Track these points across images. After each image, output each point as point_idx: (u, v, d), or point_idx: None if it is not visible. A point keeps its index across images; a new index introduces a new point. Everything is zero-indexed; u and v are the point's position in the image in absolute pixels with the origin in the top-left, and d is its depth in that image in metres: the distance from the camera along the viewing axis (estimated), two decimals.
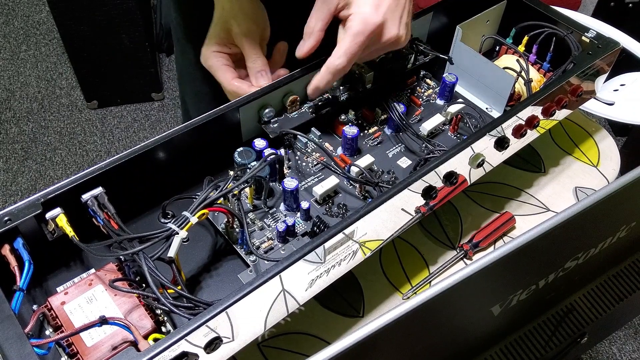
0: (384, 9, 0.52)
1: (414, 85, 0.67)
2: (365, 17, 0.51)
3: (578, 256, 0.64)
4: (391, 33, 0.53)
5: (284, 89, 0.58)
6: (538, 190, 0.70)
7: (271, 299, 0.44)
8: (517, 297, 0.60)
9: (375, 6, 0.52)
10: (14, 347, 0.38)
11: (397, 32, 0.54)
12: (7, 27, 2.14)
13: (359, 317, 0.58)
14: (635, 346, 1.39)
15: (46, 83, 1.95)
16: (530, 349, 0.68)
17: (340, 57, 0.52)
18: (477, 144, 0.54)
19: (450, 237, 0.65)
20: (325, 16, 0.53)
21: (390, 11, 0.52)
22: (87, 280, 0.46)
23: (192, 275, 0.51)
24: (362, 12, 0.51)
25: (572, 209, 0.53)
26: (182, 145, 0.53)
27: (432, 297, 0.47)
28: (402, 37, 0.55)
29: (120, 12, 1.65)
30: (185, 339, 0.39)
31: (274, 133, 0.57)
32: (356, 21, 0.52)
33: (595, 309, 0.73)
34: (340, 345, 0.44)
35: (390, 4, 0.52)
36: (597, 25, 0.79)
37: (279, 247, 0.51)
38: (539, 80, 0.65)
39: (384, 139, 0.61)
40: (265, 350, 0.55)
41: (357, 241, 0.48)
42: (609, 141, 0.76)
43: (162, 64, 2.01)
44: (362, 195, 0.55)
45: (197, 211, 0.46)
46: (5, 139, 1.78)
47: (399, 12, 0.53)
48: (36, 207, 0.45)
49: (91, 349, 0.42)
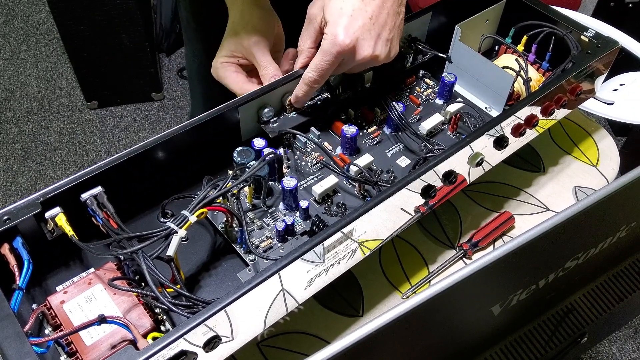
0: (355, 30, 0.52)
1: (413, 84, 0.67)
2: (333, 39, 0.52)
3: (578, 256, 0.64)
4: (365, 53, 0.54)
5: (283, 89, 0.58)
6: (537, 190, 0.70)
7: (270, 298, 0.44)
8: (517, 297, 0.60)
9: (345, 28, 0.52)
10: (13, 345, 0.38)
11: (371, 52, 0.54)
12: (7, 27, 2.14)
13: (359, 316, 0.58)
14: (635, 346, 1.39)
15: (46, 83, 1.95)
16: (530, 349, 0.68)
17: (311, 72, 0.55)
18: (476, 143, 0.54)
19: (449, 236, 0.65)
20: (311, 34, 0.57)
21: (365, 31, 0.53)
22: (86, 279, 0.46)
23: (191, 274, 0.51)
24: (332, 34, 0.53)
25: (571, 209, 0.53)
26: (182, 145, 0.53)
27: (432, 296, 0.47)
28: (380, 55, 0.55)
29: (120, 12, 1.65)
30: (184, 337, 0.39)
31: (274, 133, 0.57)
32: (326, 41, 0.53)
33: (595, 309, 0.73)
34: (339, 344, 0.44)
35: (365, 23, 0.53)
36: (596, 25, 0.79)
37: (278, 246, 0.51)
38: (538, 79, 0.65)
39: (383, 138, 0.61)
40: (264, 350, 0.55)
41: (356, 240, 0.48)
42: (609, 141, 0.76)
43: (162, 64, 2.02)
44: (361, 195, 0.55)
45: (196, 210, 0.46)
46: (5, 139, 1.78)
47: (376, 30, 0.54)
48: (35, 207, 0.45)
49: (90, 348, 0.42)
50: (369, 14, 0.53)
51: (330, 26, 0.53)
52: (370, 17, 0.53)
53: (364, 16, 0.53)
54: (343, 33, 0.52)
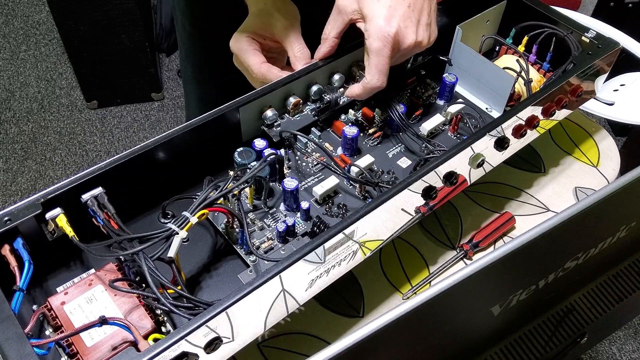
0: (397, 19, 0.53)
1: (414, 85, 0.67)
2: (380, 32, 0.52)
3: (578, 256, 0.64)
4: (409, 40, 0.54)
5: (284, 89, 0.58)
6: (538, 191, 0.70)
7: (271, 299, 0.44)
8: (517, 297, 0.60)
9: (387, 19, 0.52)
10: (13, 347, 0.38)
11: (415, 38, 0.54)
12: (7, 27, 2.14)
13: (359, 317, 0.58)
14: (635, 346, 1.39)
15: (46, 83, 1.95)
16: (530, 349, 0.68)
17: (375, 76, 0.54)
18: (477, 144, 0.54)
19: (450, 237, 0.65)
20: (339, 25, 0.56)
21: (404, 19, 0.53)
22: (87, 280, 0.46)
23: (192, 275, 0.51)
24: (376, 28, 0.52)
25: (572, 209, 0.53)
26: (182, 145, 0.53)
27: (432, 297, 0.47)
28: (423, 41, 0.55)
29: (120, 12, 1.65)
30: (185, 339, 0.39)
31: (277, 137, 0.57)
32: (374, 38, 0.53)
33: (595, 309, 0.73)
34: (340, 345, 0.44)
35: (405, 12, 0.53)
36: (597, 25, 0.79)
37: (279, 247, 0.51)
38: (539, 80, 0.65)
39: (384, 139, 0.61)
40: (265, 351, 0.55)
41: (357, 241, 0.48)
42: (609, 141, 0.76)
43: (162, 64, 2.01)
44: (362, 196, 0.55)
45: (197, 211, 0.46)
46: (5, 139, 1.78)
47: (415, 16, 0.54)
48: (36, 207, 0.45)
49: (91, 349, 0.42)
50: (407, 2, 0.53)
51: (372, 21, 0.53)
52: (408, 5, 0.53)
53: (402, 4, 0.53)
54: (387, 24, 0.52)
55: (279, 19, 0.60)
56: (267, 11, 0.61)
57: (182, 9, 0.80)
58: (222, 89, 0.62)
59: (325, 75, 0.61)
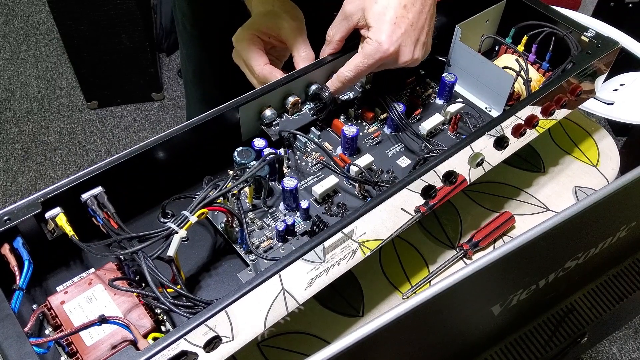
0: (399, 36, 0.54)
1: (414, 84, 0.67)
2: (378, 46, 0.54)
3: (578, 256, 0.64)
4: (405, 58, 0.55)
5: (284, 89, 0.58)
6: (538, 190, 0.70)
7: (271, 298, 0.44)
8: (517, 297, 0.60)
9: (390, 34, 0.53)
10: (13, 346, 0.38)
11: (412, 57, 0.56)
12: (7, 27, 2.14)
13: (359, 316, 0.58)
14: (635, 346, 1.39)
15: (46, 83, 1.95)
16: (530, 349, 0.68)
17: (349, 71, 0.57)
18: (477, 143, 0.54)
19: (449, 236, 0.65)
20: (343, 30, 0.58)
21: (406, 37, 0.54)
22: (86, 279, 0.46)
23: (192, 274, 0.51)
24: (376, 41, 0.54)
25: (571, 209, 0.53)
26: (182, 145, 0.53)
27: (432, 296, 0.47)
28: (419, 58, 0.57)
29: (120, 12, 1.65)
30: (185, 338, 0.39)
31: (276, 136, 0.57)
32: (370, 45, 0.54)
33: (595, 309, 0.73)
34: (339, 344, 0.44)
35: (407, 30, 0.54)
36: (596, 25, 0.79)
37: (279, 246, 0.51)
38: (538, 79, 0.65)
39: (383, 138, 0.61)
40: (264, 350, 0.55)
41: (357, 240, 0.48)
42: (609, 141, 0.76)
43: (162, 64, 2.02)
44: (361, 195, 0.55)
45: (196, 210, 0.46)
46: (5, 139, 1.78)
47: (416, 34, 0.55)
48: (36, 207, 0.45)
49: (91, 348, 0.42)
50: (410, 21, 0.54)
51: (374, 32, 0.54)
52: (411, 24, 0.54)
53: (406, 23, 0.54)
54: (387, 41, 0.54)
55: (287, 20, 0.61)
56: (275, 12, 0.62)
57: (182, 10, 0.80)
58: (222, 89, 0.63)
59: (324, 75, 0.61)
